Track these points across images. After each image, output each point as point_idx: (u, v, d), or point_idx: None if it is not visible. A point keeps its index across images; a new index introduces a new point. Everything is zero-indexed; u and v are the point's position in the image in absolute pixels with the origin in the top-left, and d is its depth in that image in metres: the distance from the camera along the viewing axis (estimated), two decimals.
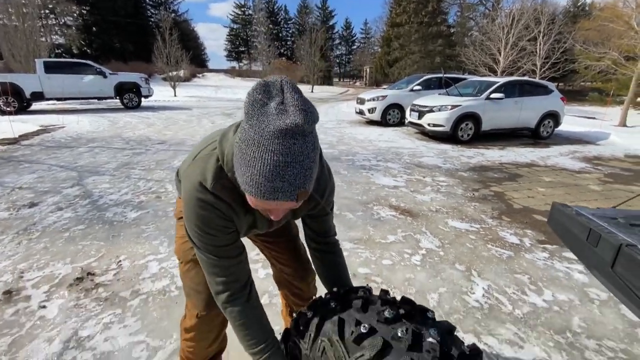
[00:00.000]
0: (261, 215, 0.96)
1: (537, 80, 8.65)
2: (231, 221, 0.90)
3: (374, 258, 2.51)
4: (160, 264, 2.39)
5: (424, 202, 3.71)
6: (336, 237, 1.18)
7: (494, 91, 7.28)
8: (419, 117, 7.47)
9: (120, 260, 2.42)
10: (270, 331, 0.94)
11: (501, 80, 7.63)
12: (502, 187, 4.36)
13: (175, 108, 12.85)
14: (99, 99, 11.71)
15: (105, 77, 11.28)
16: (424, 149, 6.57)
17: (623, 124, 10.24)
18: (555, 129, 8.18)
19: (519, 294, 2.13)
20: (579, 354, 1.67)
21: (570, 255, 2.65)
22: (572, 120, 10.33)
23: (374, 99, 9.37)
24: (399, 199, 3.80)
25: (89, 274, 2.25)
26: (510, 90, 7.48)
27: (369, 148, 6.44)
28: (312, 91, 22.28)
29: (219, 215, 0.86)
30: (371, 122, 9.80)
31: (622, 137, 8.13)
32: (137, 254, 2.52)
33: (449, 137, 7.14)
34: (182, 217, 1.20)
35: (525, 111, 7.63)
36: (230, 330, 1.02)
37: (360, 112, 9.81)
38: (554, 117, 7.93)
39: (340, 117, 10.82)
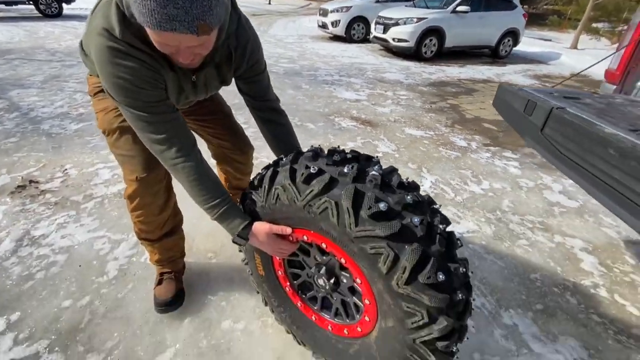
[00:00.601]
0: (183, 74, 0.93)
1: None
2: (159, 74, 0.85)
3: None
4: (112, 171, 2.28)
5: (384, 114, 3.77)
6: (280, 105, 1.17)
7: (461, 3, 7.01)
8: (384, 31, 7.12)
9: (66, 169, 2.27)
10: (224, 189, 0.96)
11: None
12: (458, 100, 4.51)
13: None
14: (8, 3, 9.62)
15: None
16: (387, 65, 6.43)
17: (575, 46, 10.57)
18: (513, 49, 8.29)
19: (461, 185, 2.37)
20: (504, 225, 1.96)
21: (509, 154, 2.93)
22: (530, 42, 10.47)
23: (337, 10, 8.63)
24: (360, 111, 3.81)
25: (31, 182, 2.10)
26: (477, 3, 7.24)
27: (331, 64, 6.16)
28: (269, 3, 19.96)
29: (142, 65, 0.81)
30: (335, 38, 9.21)
31: (572, 58, 8.48)
32: (85, 162, 2.37)
33: (413, 53, 6.98)
34: (97, 93, 1.10)
35: (488, 28, 7.54)
36: (190, 211, 1.02)
37: (323, 26, 9.10)
38: (513, 35, 7.95)
39: (302, 32, 10.00)
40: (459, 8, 6.99)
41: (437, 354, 0.75)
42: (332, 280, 0.97)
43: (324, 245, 0.88)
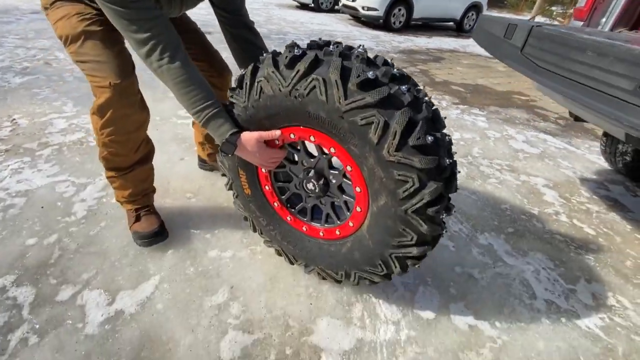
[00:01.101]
0: None
1: None
2: None
3: None
4: (68, 120, 2.08)
5: None
6: (254, 26, 1.13)
7: None
8: None
9: (14, 119, 2.03)
10: (213, 93, 0.90)
11: None
12: (427, 67, 4.60)
13: None
14: None
15: None
16: (358, 33, 6.37)
17: None
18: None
19: None
20: (475, 167, 2.07)
21: (477, 111, 3.06)
22: None
23: None
24: None
25: None
26: None
27: (300, 29, 5.98)
28: None
29: None
30: (302, 7, 8.92)
31: None
32: (36, 113, 2.13)
33: (382, 23, 6.96)
34: (54, 2, 0.97)
35: (453, 1, 7.70)
36: (165, 153, 0.96)
37: None
38: (477, 9, 8.19)
39: (267, 0, 9.57)
40: None
41: (428, 223, 0.79)
42: (321, 181, 0.97)
43: (312, 139, 0.87)
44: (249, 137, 0.90)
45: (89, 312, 0.99)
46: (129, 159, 1.13)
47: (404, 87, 0.75)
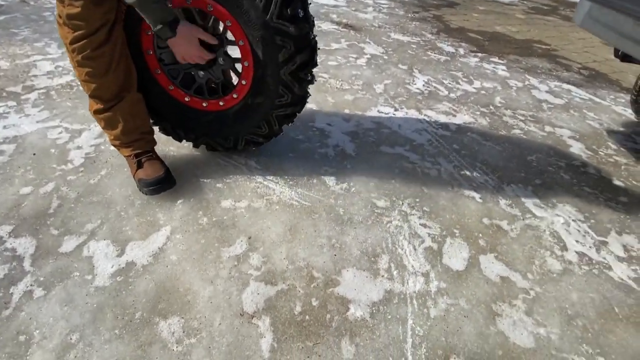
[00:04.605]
0: None
1: None
2: None
3: (319, 60, 2.35)
4: (54, 63, 1.88)
5: (367, 20, 3.44)
6: None
7: None
8: None
9: None
10: None
11: None
12: (441, 12, 4.24)
13: None
14: None
15: None
16: None
17: None
18: None
19: (454, 84, 2.28)
20: (498, 118, 1.94)
21: (496, 59, 2.85)
22: None
23: None
24: (341, 15, 3.44)
25: None
26: None
27: None
28: None
29: None
30: None
31: None
32: (17, 54, 1.92)
33: None
34: None
35: None
36: None
37: None
38: None
39: None
40: None
41: (300, 84, 1.10)
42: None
43: (209, 8, 0.98)
44: (190, 26, 0.97)
45: (98, 264, 0.92)
46: (107, 81, 1.01)
47: None
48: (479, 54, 2.93)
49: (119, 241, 0.99)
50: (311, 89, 1.23)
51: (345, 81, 2.11)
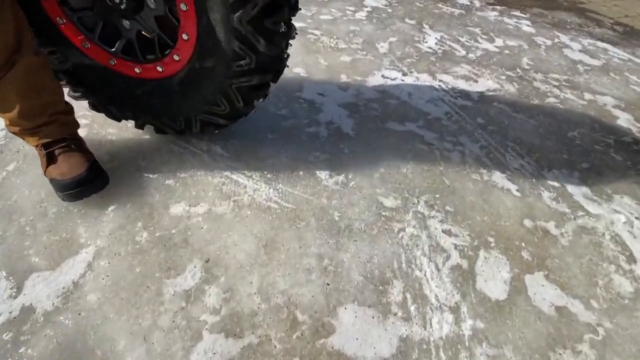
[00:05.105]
0: None
1: None
2: None
3: (309, 14, 1.94)
4: None
5: None
6: None
7: None
8: None
9: None
10: None
11: None
12: None
13: None
14: None
15: None
16: None
17: None
18: None
19: (472, 42, 1.90)
20: (528, 83, 1.59)
21: (518, 13, 2.43)
22: None
23: None
24: None
25: None
26: None
27: None
28: None
29: None
30: None
31: None
32: None
33: None
34: None
35: None
36: None
37: None
38: None
39: None
40: None
41: (246, 102, 0.83)
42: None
43: None
44: None
45: None
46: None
47: None
48: (498, 7, 2.50)
49: (17, 272, 0.69)
50: (294, 47, 0.87)
51: (342, 39, 1.73)
